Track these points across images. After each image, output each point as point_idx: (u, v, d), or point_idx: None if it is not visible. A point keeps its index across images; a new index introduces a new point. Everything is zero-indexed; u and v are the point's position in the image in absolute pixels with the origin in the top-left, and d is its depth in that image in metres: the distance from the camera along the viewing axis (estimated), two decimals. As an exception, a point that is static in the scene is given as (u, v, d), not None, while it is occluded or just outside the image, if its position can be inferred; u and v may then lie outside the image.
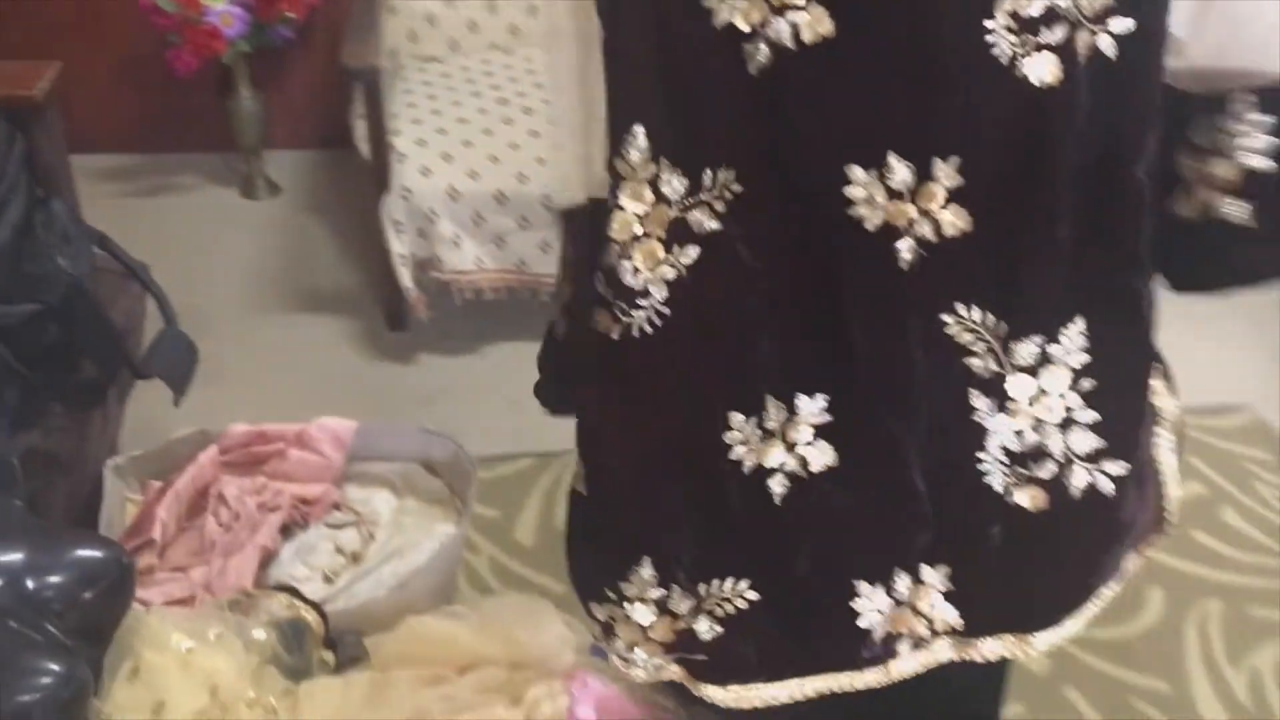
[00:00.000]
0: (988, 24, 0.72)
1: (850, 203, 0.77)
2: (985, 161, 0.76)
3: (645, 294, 0.82)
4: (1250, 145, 0.81)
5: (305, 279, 2.82)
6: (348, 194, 3.13)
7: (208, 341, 1.89)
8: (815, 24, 0.73)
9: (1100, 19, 0.74)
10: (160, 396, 1.77)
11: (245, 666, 1.32)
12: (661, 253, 0.81)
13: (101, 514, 1.61)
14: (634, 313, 0.82)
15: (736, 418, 0.83)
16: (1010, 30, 0.73)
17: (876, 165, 0.76)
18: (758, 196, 0.78)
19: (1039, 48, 0.73)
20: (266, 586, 1.57)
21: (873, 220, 0.77)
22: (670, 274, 0.81)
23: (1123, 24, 0.75)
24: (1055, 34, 0.73)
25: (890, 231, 0.77)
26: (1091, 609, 0.93)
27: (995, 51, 0.73)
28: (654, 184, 0.80)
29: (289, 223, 3.05)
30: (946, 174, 0.76)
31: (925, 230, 0.77)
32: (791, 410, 0.83)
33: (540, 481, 2.17)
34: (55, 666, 1.18)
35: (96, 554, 1.30)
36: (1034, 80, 0.74)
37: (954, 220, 0.77)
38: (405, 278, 2.42)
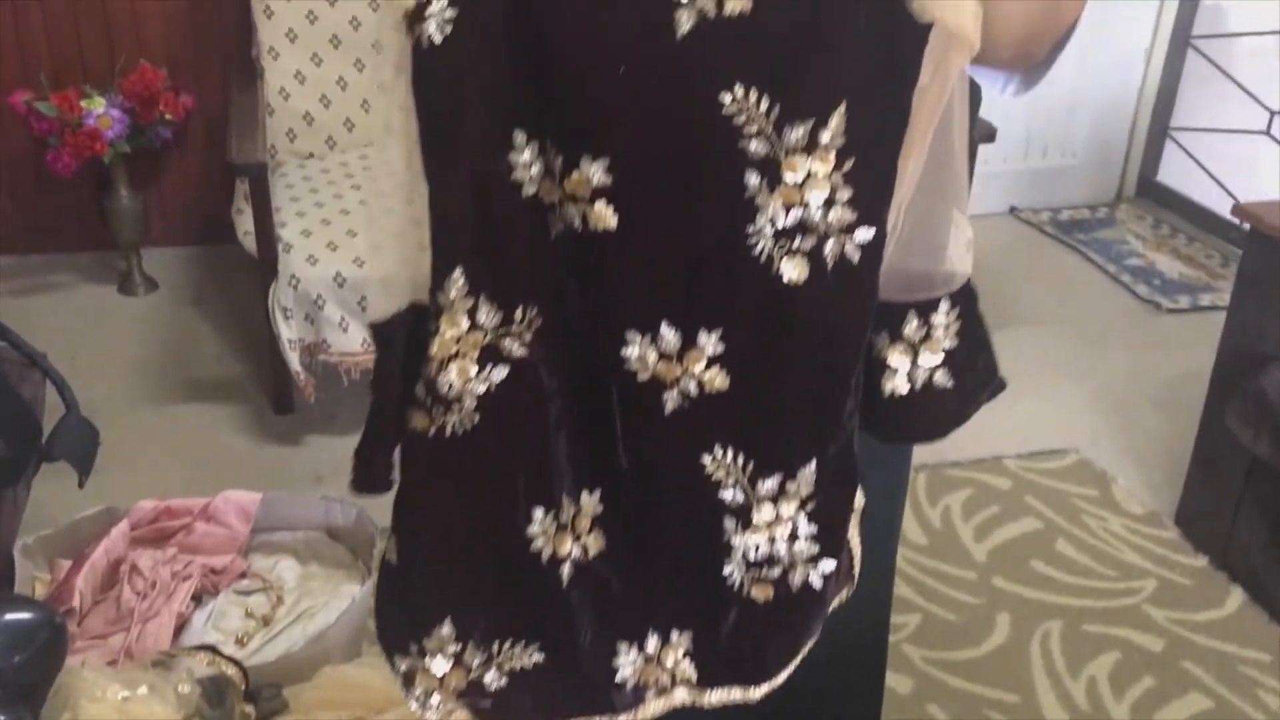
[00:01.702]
0: (749, 229, 0.87)
1: (625, 360, 0.92)
2: (743, 336, 0.91)
3: (459, 401, 0.94)
4: (948, 336, 1.00)
5: (188, 369, 2.88)
6: (225, 286, 3.22)
7: (100, 429, 1.97)
8: (599, 219, 0.87)
9: (848, 230, 0.88)
10: (58, 480, 1.84)
11: (175, 718, 1.40)
12: (474, 370, 0.94)
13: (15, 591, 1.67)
14: (448, 416, 0.95)
15: (537, 512, 0.97)
16: (769, 235, 0.87)
17: (651, 331, 0.91)
18: (557, 333, 0.94)
19: (791, 252, 0.88)
20: (182, 649, 1.64)
21: (644, 375, 0.92)
22: (481, 389, 0.94)
23: (866, 233, 0.89)
24: (806, 242, 0.88)
25: (659, 384, 0.92)
26: (799, 657, 1.09)
27: (756, 252, 0.88)
28: (471, 313, 0.93)
29: (168, 317, 3.11)
30: (710, 343, 0.91)
31: (690, 386, 0.93)
32: (578, 505, 0.98)
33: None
34: (-1, 719, 1.25)
35: (28, 616, 1.38)
36: (785, 278, 0.89)
37: (714, 379, 0.93)
38: (294, 362, 2.52)
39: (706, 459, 0.95)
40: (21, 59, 3.06)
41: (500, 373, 0.93)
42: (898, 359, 0.99)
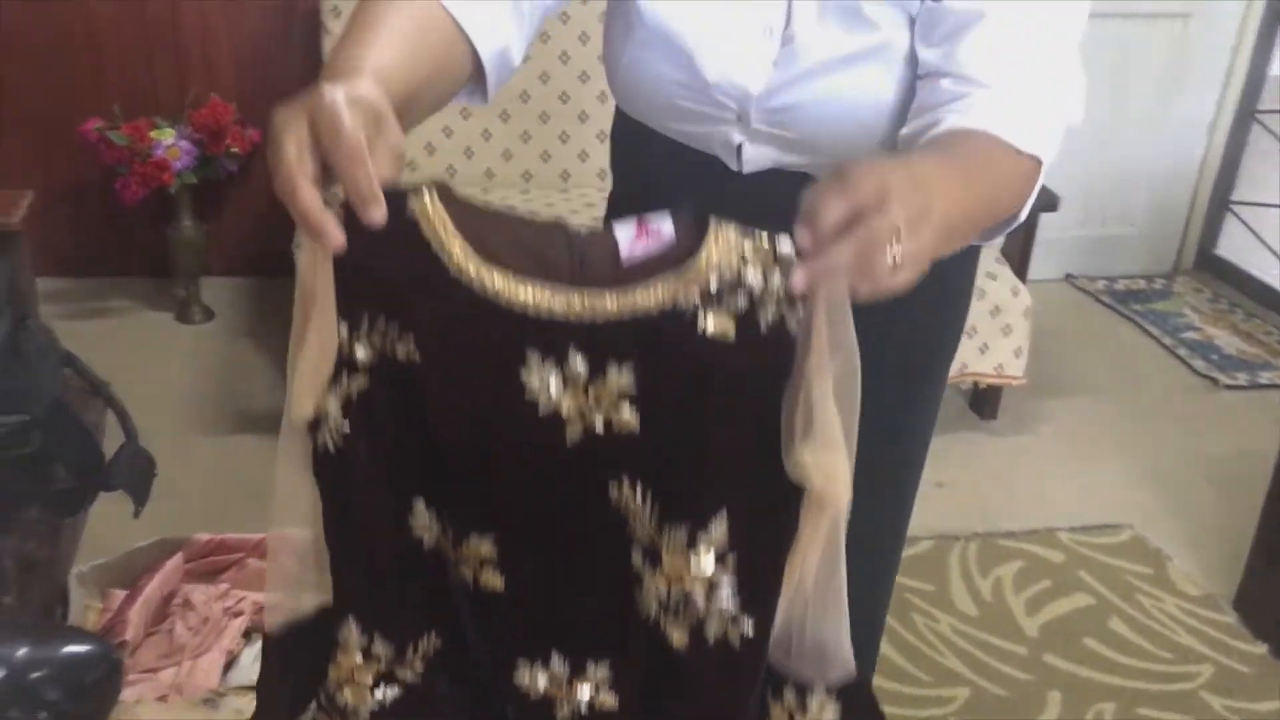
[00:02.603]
0: (636, 595, 0.91)
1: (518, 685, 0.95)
2: (632, 673, 0.94)
3: (356, 714, 0.97)
4: None
5: (240, 401, 2.90)
6: (280, 319, 3.22)
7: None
8: (488, 581, 0.92)
9: (732, 619, 0.91)
10: (112, 507, 1.85)
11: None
12: (368, 695, 0.96)
13: (70, 620, 1.67)
14: None
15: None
16: (654, 603, 0.90)
17: (541, 657, 0.94)
18: (457, 654, 0.97)
19: (677, 623, 0.90)
20: (231, 688, 1.64)
21: (535, 696, 0.94)
22: (374, 706, 0.97)
23: (747, 624, 0.90)
24: (689, 619, 0.90)
25: (550, 702, 0.95)
26: None
27: (642, 616, 0.91)
28: (365, 650, 0.95)
29: (223, 346, 3.14)
30: (599, 670, 0.94)
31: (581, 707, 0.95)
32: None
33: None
34: (56, 754, 1.24)
35: (88, 649, 1.38)
36: (671, 640, 0.91)
37: (605, 701, 0.94)
38: (348, 399, 2.52)
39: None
40: (96, 88, 3.12)
41: (393, 692, 0.97)
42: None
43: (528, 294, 0.83)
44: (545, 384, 0.85)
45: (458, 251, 0.84)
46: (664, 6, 1.12)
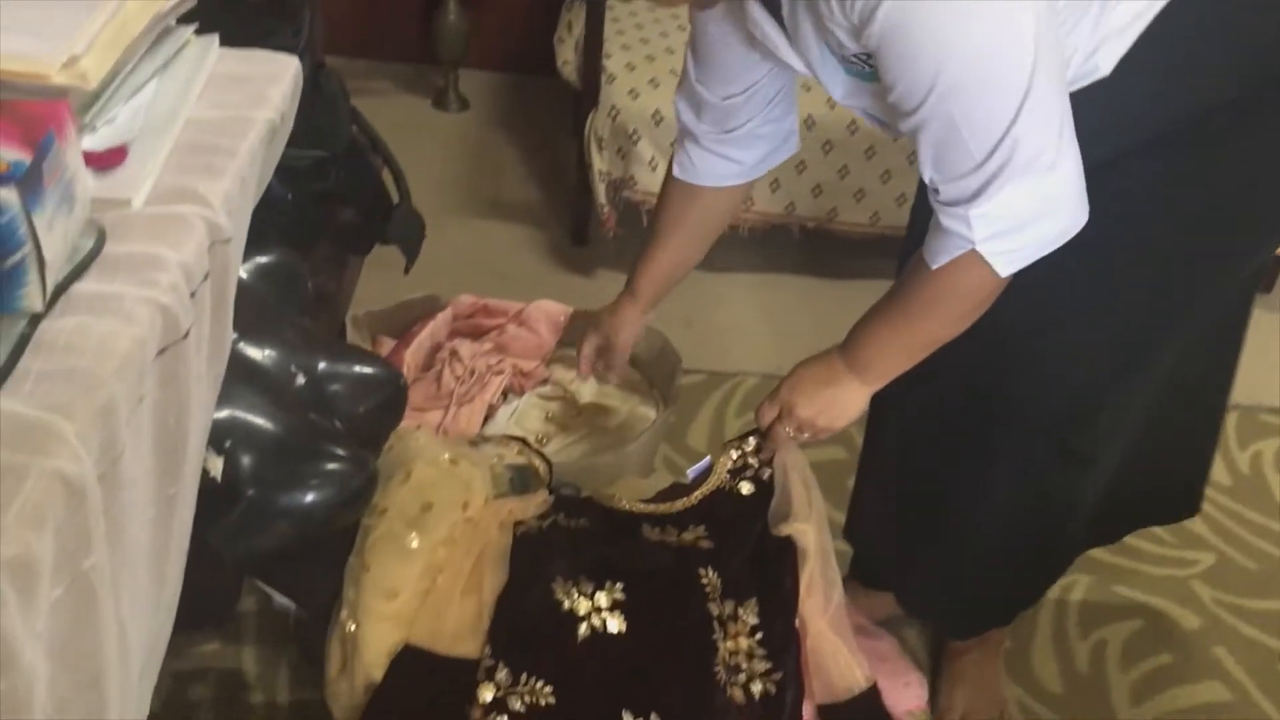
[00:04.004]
0: (714, 661, 1.34)
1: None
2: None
3: None
4: None
5: (490, 189, 2.96)
6: (532, 114, 3.27)
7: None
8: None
9: (766, 674, 1.36)
10: (381, 269, 1.92)
11: (491, 491, 1.45)
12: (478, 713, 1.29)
13: (346, 355, 1.75)
14: None
15: None
16: (723, 670, 1.33)
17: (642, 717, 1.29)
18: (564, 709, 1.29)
19: (733, 683, 1.35)
20: (490, 436, 1.70)
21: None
22: None
23: (777, 674, 1.36)
24: (741, 677, 1.35)
25: None
26: None
27: (716, 678, 1.33)
28: (490, 672, 1.31)
29: (476, 137, 3.19)
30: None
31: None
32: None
33: (712, 396, 2.28)
34: (351, 458, 1.31)
35: (378, 371, 1.44)
36: (731, 698, 1.32)
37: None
38: (601, 194, 2.54)
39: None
40: None
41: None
42: None
43: (649, 507, 1.51)
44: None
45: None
46: None
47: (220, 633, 1.72)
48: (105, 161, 0.92)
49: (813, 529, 1.43)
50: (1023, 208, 1.11)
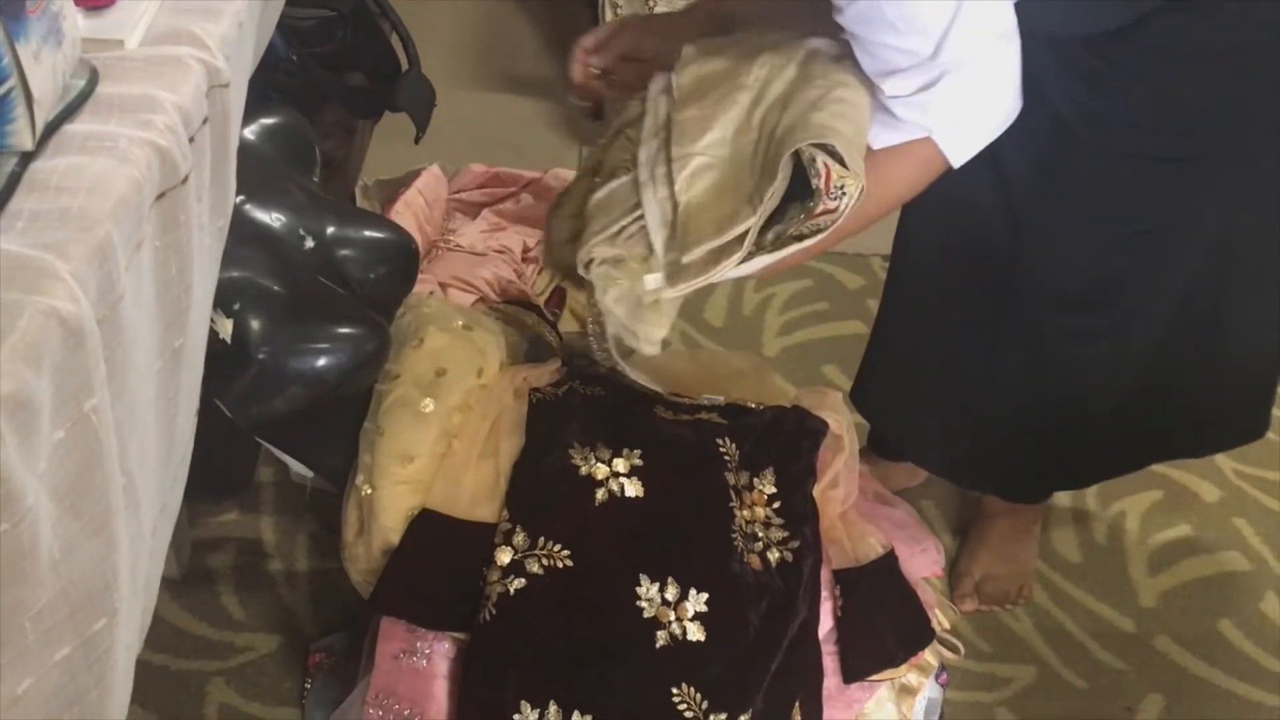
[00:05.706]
0: (731, 528, 1.31)
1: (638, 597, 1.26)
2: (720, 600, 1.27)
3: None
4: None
5: (505, 62, 2.88)
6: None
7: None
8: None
9: (783, 542, 1.34)
10: (390, 140, 1.86)
11: (505, 358, 1.43)
12: (496, 575, 1.28)
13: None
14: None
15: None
16: (739, 536, 1.31)
17: (659, 581, 1.25)
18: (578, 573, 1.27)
19: (750, 550, 1.31)
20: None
21: (649, 612, 1.25)
22: (500, 590, 1.27)
23: (794, 542, 1.34)
24: (758, 545, 1.32)
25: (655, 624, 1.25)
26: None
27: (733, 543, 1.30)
28: (508, 535, 1.30)
29: (488, 5, 3.11)
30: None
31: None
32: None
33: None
34: (364, 320, 1.30)
35: (389, 236, 1.42)
36: (749, 562, 1.30)
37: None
38: (616, 64, 2.47)
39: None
40: None
41: (519, 583, 1.25)
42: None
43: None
44: None
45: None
46: None
47: (238, 503, 1.72)
48: (97, 0, 0.88)
49: (846, 433, 1.44)
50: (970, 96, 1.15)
